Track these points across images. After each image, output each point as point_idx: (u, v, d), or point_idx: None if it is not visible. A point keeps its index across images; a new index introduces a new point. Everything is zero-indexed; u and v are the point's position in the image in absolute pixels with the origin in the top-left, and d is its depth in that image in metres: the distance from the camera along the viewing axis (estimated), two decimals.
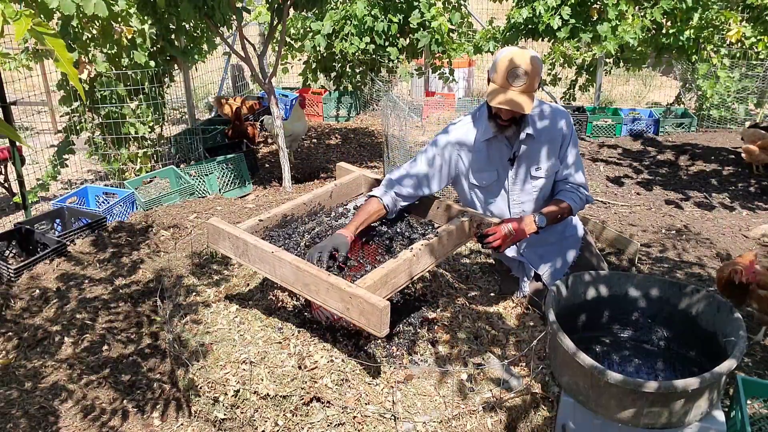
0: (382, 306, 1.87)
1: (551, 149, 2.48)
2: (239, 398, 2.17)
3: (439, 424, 2.05)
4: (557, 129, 2.47)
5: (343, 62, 5.79)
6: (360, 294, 1.92)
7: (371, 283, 2.00)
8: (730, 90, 6.05)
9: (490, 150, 2.49)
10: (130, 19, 4.37)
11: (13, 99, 4.22)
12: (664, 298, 2.20)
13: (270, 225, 2.47)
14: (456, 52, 5.85)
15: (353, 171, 2.85)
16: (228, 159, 5.03)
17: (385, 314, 1.89)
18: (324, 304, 2.06)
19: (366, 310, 1.91)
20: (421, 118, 6.13)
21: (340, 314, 2.03)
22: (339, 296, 1.98)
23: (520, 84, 2.23)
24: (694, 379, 1.70)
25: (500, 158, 2.50)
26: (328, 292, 2.02)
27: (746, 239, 4.01)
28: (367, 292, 1.94)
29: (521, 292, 2.76)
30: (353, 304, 1.94)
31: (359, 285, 1.98)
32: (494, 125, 2.41)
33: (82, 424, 2.37)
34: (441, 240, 2.30)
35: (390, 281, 2.10)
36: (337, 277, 2.04)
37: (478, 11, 7.94)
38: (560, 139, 2.48)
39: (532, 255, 2.70)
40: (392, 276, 2.11)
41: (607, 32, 5.08)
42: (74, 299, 3.06)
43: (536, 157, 2.48)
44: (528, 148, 2.47)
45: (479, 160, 2.51)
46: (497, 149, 2.49)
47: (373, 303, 1.88)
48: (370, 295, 1.92)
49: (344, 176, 2.85)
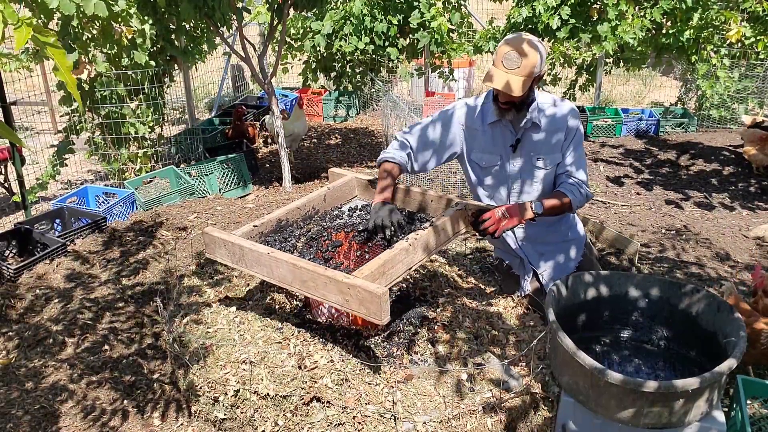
0: (381, 292, 1.88)
1: (555, 142, 2.49)
2: (239, 398, 2.18)
3: (439, 424, 2.05)
4: (564, 122, 2.48)
5: (343, 62, 5.80)
6: (358, 284, 1.93)
7: (368, 273, 2.01)
8: (730, 90, 6.05)
9: (495, 133, 2.52)
10: (130, 19, 4.37)
11: (13, 99, 4.23)
12: (664, 298, 2.20)
13: (265, 230, 2.48)
14: (456, 52, 5.85)
15: (345, 174, 2.86)
16: (228, 159, 5.03)
17: (384, 301, 1.89)
18: (323, 299, 2.07)
19: (365, 299, 1.92)
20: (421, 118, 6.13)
21: (339, 306, 2.03)
22: (337, 288, 1.99)
23: (512, 66, 2.26)
24: (694, 379, 1.70)
25: (503, 143, 2.52)
26: (326, 286, 2.02)
27: (746, 239, 4.01)
28: (365, 281, 1.95)
29: (522, 291, 2.76)
30: (352, 295, 1.95)
31: (356, 276, 1.99)
32: (496, 108, 2.44)
33: (83, 424, 2.37)
34: (436, 229, 2.30)
35: (387, 271, 2.10)
36: (334, 270, 2.05)
37: (478, 11, 7.94)
38: (565, 133, 2.49)
39: (533, 252, 2.70)
40: (389, 266, 2.11)
41: (606, 32, 5.08)
42: (75, 299, 3.06)
43: (539, 148, 2.50)
44: (532, 137, 2.49)
45: (483, 142, 2.55)
46: (501, 134, 2.52)
47: (372, 290, 1.89)
48: (368, 283, 1.93)
49: (337, 180, 2.86)
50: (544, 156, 2.50)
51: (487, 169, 2.58)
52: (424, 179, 4.57)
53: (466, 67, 7.82)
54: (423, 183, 4.54)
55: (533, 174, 2.54)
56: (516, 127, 2.49)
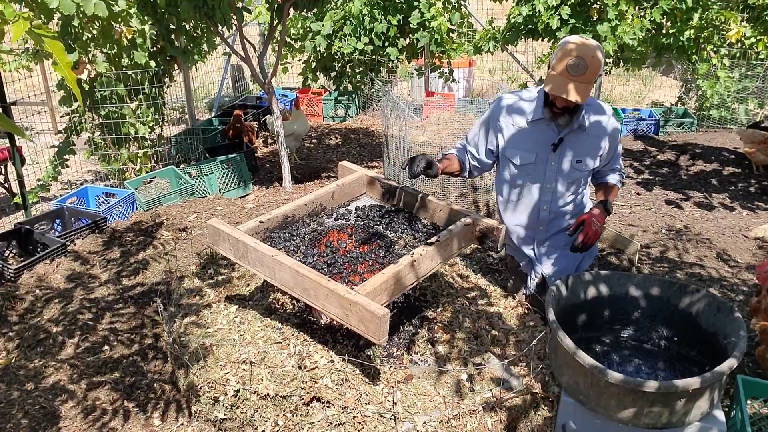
0: (381, 314, 1.86)
1: (596, 145, 2.46)
2: (239, 398, 2.17)
3: (439, 424, 2.05)
4: (607, 126, 2.46)
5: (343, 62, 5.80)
6: (359, 301, 1.91)
7: (371, 290, 1.98)
8: (730, 90, 6.05)
9: (535, 131, 2.47)
10: (130, 19, 4.37)
11: (13, 99, 4.23)
12: (665, 298, 2.20)
13: (271, 226, 2.46)
14: (456, 52, 5.85)
15: (356, 170, 2.83)
16: (228, 159, 5.03)
17: (384, 322, 1.87)
18: (323, 310, 2.05)
19: (365, 318, 1.90)
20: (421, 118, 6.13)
21: (338, 320, 2.02)
22: (338, 302, 1.97)
23: (577, 74, 2.20)
24: (694, 379, 1.70)
25: (544, 142, 2.46)
26: (327, 298, 2.00)
27: (746, 239, 4.01)
28: (367, 299, 1.92)
29: (527, 290, 2.76)
30: (352, 311, 1.93)
31: (358, 291, 1.97)
32: (548, 111, 2.39)
33: (83, 425, 2.37)
34: (443, 243, 2.28)
35: (390, 287, 2.08)
36: (337, 283, 2.02)
37: (478, 11, 7.94)
38: (610, 137, 2.47)
39: (543, 255, 2.68)
40: (392, 282, 2.08)
41: (606, 32, 5.07)
42: (75, 299, 3.06)
43: (581, 149, 2.46)
44: (576, 139, 2.45)
45: (522, 139, 2.49)
46: (543, 132, 2.46)
47: (372, 311, 1.87)
48: (369, 302, 1.90)
49: (347, 175, 2.84)
50: (583, 158, 2.46)
51: (522, 167, 2.52)
52: (424, 179, 4.57)
53: (466, 67, 7.82)
54: (423, 183, 4.54)
55: (570, 175, 2.49)
56: (560, 128, 2.43)
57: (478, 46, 5.87)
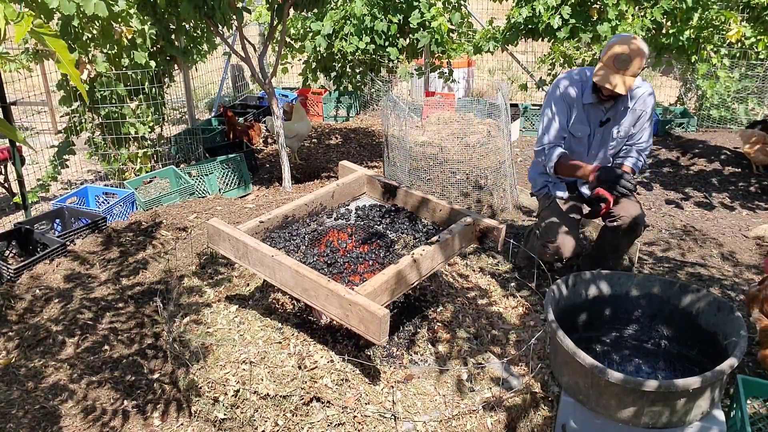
0: (382, 315, 1.86)
1: (636, 119, 2.86)
2: (239, 398, 2.17)
3: (439, 424, 2.05)
4: (646, 104, 2.84)
5: (343, 62, 5.80)
6: (359, 302, 1.90)
7: (371, 290, 1.98)
8: (730, 90, 6.05)
9: (589, 111, 2.87)
10: (130, 19, 4.37)
11: (13, 99, 4.22)
12: (665, 297, 2.20)
13: (271, 226, 2.46)
14: (456, 52, 5.85)
15: (356, 170, 2.84)
16: (228, 159, 5.03)
17: (384, 323, 1.87)
18: (323, 310, 2.05)
19: (365, 318, 1.90)
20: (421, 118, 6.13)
21: (338, 320, 2.02)
22: (338, 303, 1.97)
23: (622, 67, 2.54)
24: (695, 378, 1.70)
25: (594, 119, 2.88)
26: (328, 298, 2.00)
27: (746, 239, 4.01)
28: (367, 300, 1.92)
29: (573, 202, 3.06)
30: (353, 312, 1.93)
31: (359, 291, 1.96)
32: (596, 97, 2.77)
33: (83, 424, 2.37)
34: (443, 243, 2.28)
35: (390, 287, 2.08)
36: (337, 284, 2.02)
37: (478, 11, 7.94)
38: (644, 113, 2.85)
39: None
40: (393, 282, 2.08)
41: (607, 32, 5.07)
42: (75, 299, 3.06)
43: (621, 122, 2.86)
44: (620, 117, 2.85)
45: (580, 117, 2.89)
46: (594, 112, 2.86)
47: (373, 311, 1.87)
48: (369, 303, 1.90)
49: (347, 175, 2.84)
50: (621, 130, 2.87)
51: (578, 138, 2.92)
52: (424, 179, 4.57)
53: (466, 67, 7.82)
54: (423, 183, 4.53)
55: (609, 144, 2.92)
56: (607, 109, 2.82)
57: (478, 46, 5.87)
